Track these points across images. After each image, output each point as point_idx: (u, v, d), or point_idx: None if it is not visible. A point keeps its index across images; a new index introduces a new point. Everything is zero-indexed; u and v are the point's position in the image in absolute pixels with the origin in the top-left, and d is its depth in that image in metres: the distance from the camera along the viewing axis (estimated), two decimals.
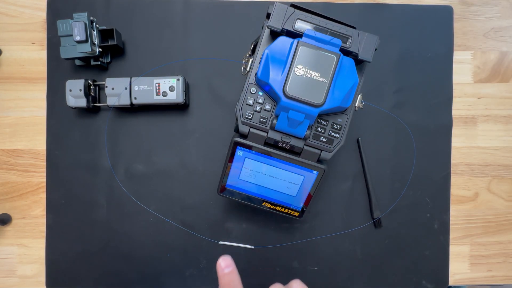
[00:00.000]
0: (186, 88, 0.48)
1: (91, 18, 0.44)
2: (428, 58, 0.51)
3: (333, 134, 0.37)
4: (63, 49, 0.45)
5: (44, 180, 0.49)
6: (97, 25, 0.46)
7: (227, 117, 0.49)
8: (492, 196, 0.52)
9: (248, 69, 0.36)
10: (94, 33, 0.45)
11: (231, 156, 0.38)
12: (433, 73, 0.51)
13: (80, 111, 0.49)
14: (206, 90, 0.50)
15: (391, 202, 0.50)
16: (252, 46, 0.38)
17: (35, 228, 0.50)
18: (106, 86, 0.46)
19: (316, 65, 0.33)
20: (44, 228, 0.49)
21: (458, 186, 0.51)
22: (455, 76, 0.51)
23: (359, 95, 0.37)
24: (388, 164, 0.50)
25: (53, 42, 0.49)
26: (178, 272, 0.50)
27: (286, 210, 0.42)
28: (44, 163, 0.49)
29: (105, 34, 0.47)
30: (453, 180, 0.51)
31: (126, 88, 0.46)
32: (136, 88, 0.46)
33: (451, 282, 0.51)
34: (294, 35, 0.34)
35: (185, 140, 0.50)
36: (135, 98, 0.46)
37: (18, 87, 0.50)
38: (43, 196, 0.49)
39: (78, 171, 0.49)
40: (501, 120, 0.52)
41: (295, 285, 0.29)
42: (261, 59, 0.34)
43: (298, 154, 0.37)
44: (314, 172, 0.38)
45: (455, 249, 0.51)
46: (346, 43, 0.34)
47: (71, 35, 0.43)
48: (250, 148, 0.37)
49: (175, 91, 0.46)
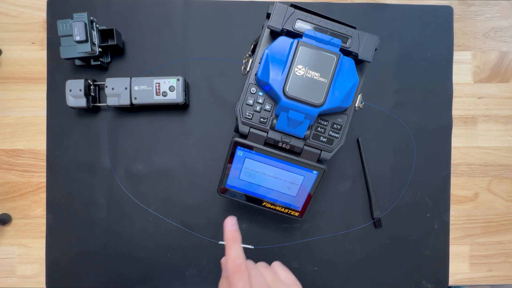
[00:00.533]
0: (186, 88, 0.48)
1: (91, 18, 0.44)
2: (428, 58, 0.51)
3: (333, 134, 0.37)
4: (63, 49, 0.45)
5: (44, 180, 0.49)
6: (97, 25, 0.46)
7: (227, 117, 0.49)
8: (492, 196, 0.52)
9: (248, 69, 0.36)
10: (94, 33, 0.45)
11: (231, 156, 0.38)
12: (433, 73, 0.51)
13: (80, 111, 0.49)
14: (206, 90, 0.50)
15: (391, 202, 0.50)
16: (252, 46, 0.38)
17: (35, 228, 0.50)
18: (106, 86, 0.46)
19: (316, 65, 0.33)
20: (44, 228, 0.49)
21: (458, 186, 0.51)
22: (455, 76, 0.51)
23: (359, 95, 0.37)
24: (388, 164, 0.50)
25: (53, 42, 0.49)
26: (178, 272, 0.50)
27: (286, 210, 0.42)
28: (44, 163, 0.49)
29: (105, 34, 0.47)
30: (453, 180, 0.51)
31: (126, 88, 0.46)
32: (136, 88, 0.46)
33: (451, 282, 0.51)
34: (294, 35, 0.34)
35: (185, 140, 0.50)
36: (135, 98, 0.46)
37: (18, 87, 0.50)
38: (43, 196, 0.49)
39: (78, 171, 0.49)
40: (501, 120, 0.52)
41: (276, 265, 0.35)
42: (261, 59, 0.34)
43: (298, 154, 0.37)
44: (314, 172, 0.38)
45: (455, 249, 0.51)
46: (346, 43, 0.34)
47: (71, 35, 0.43)
48: (250, 148, 0.37)
49: (175, 91, 0.46)
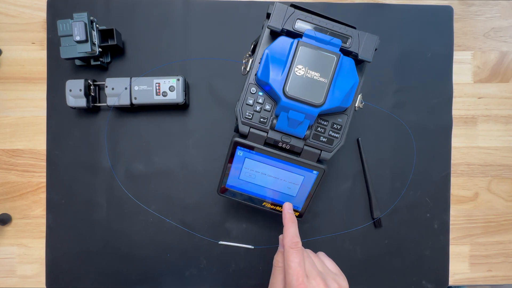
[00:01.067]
0: (186, 88, 0.48)
1: (91, 18, 0.44)
2: (428, 58, 0.51)
3: (333, 134, 0.37)
4: (63, 49, 0.45)
5: (44, 180, 0.49)
6: (97, 25, 0.45)
7: (227, 117, 0.49)
8: (492, 196, 0.52)
9: (248, 69, 0.36)
10: (94, 33, 0.45)
11: (231, 156, 0.38)
12: (433, 73, 0.51)
13: (80, 111, 0.49)
14: (206, 90, 0.50)
15: (391, 202, 0.50)
16: (252, 46, 0.38)
17: (35, 228, 0.50)
18: (106, 86, 0.46)
19: (316, 65, 0.33)
20: (44, 228, 0.49)
21: (458, 186, 0.51)
22: (455, 76, 0.51)
23: (359, 95, 0.37)
24: (388, 164, 0.50)
25: (53, 42, 0.49)
26: (178, 272, 0.50)
27: None
28: (44, 163, 0.49)
29: (105, 34, 0.47)
30: (453, 180, 0.51)
31: (126, 88, 0.46)
32: (136, 88, 0.46)
33: (451, 282, 0.51)
34: (294, 35, 0.34)
35: (185, 140, 0.50)
36: (135, 98, 0.46)
37: (18, 87, 0.50)
38: (43, 196, 0.49)
39: (78, 171, 0.49)
40: (501, 120, 0.52)
41: (322, 254, 0.39)
42: (261, 59, 0.34)
43: (298, 154, 0.37)
44: (314, 172, 0.38)
45: (455, 249, 0.51)
46: (346, 43, 0.34)
47: (71, 35, 0.43)
48: (250, 148, 0.37)
49: (175, 91, 0.46)
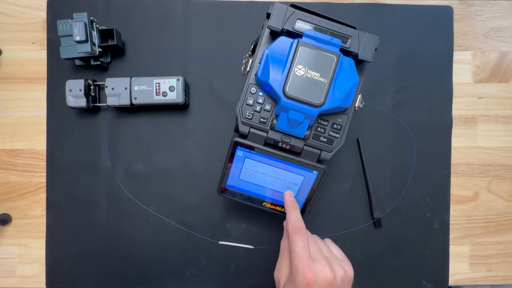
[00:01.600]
0: (186, 88, 0.48)
1: (91, 18, 0.44)
2: (428, 58, 0.51)
3: (333, 134, 0.37)
4: (63, 49, 0.45)
5: (44, 180, 0.49)
6: (97, 25, 0.45)
7: (227, 117, 0.49)
8: (492, 196, 0.52)
9: (248, 69, 0.36)
10: (94, 33, 0.45)
11: (231, 156, 0.38)
12: (433, 73, 0.51)
13: (80, 111, 0.49)
14: (206, 90, 0.50)
15: (391, 202, 0.50)
16: (252, 46, 0.38)
17: (35, 228, 0.50)
18: (106, 86, 0.46)
19: (316, 65, 0.33)
20: (44, 228, 0.49)
21: (458, 186, 0.51)
22: (455, 76, 0.51)
23: (359, 95, 0.37)
24: (388, 164, 0.50)
25: (53, 42, 0.49)
26: (178, 272, 0.50)
27: None
28: (44, 163, 0.49)
29: (105, 34, 0.47)
30: (453, 180, 0.51)
31: (126, 88, 0.46)
32: (136, 88, 0.46)
33: (451, 282, 0.51)
34: (294, 35, 0.34)
35: (185, 140, 0.50)
36: (135, 98, 0.46)
37: (18, 87, 0.50)
38: (43, 196, 0.49)
39: (78, 171, 0.49)
40: (501, 120, 0.52)
41: (328, 240, 0.39)
42: (261, 59, 0.34)
43: (298, 154, 0.37)
44: (314, 172, 0.38)
45: (455, 249, 0.51)
46: (346, 43, 0.34)
47: (71, 35, 0.43)
48: (250, 148, 0.37)
49: (175, 91, 0.46)
